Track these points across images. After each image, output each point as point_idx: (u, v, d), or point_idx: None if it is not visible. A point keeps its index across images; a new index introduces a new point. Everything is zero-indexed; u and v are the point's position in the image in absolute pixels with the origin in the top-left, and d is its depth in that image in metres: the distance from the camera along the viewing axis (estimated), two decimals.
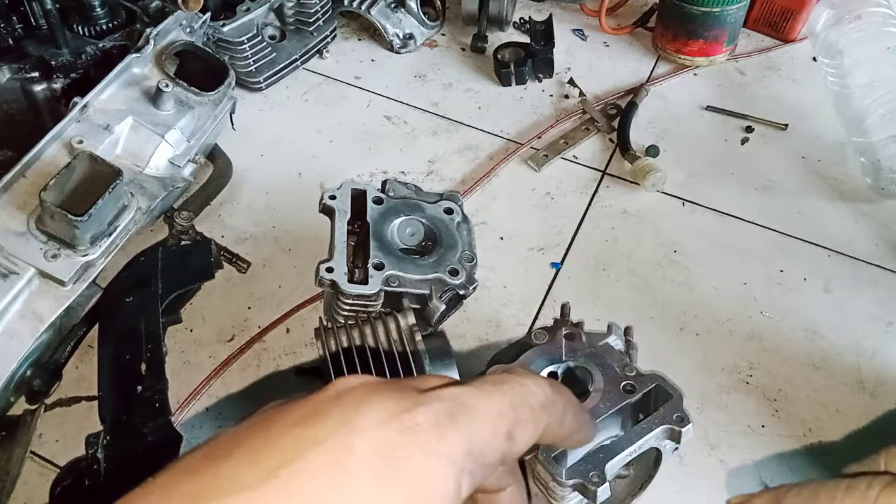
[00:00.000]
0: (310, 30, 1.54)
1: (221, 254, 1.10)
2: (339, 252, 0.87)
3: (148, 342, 0.89)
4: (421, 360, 0.79)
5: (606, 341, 0.86)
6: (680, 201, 1.33)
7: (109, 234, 0.95)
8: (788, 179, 1.37)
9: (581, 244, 1.26)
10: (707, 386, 1.08)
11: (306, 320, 1.14)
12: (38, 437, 0.98)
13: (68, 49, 1.13)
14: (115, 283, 0.97)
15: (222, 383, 1.07)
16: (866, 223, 1.30)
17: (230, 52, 1.41)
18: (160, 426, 0.82)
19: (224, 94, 1.18)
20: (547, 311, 1.16)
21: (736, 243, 1.27)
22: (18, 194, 0.93)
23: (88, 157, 0.93)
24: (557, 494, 0.76)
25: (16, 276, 0.89)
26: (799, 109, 1.49)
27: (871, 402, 1.07)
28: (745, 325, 1.15)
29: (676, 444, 0.79)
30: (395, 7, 1.58)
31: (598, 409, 0.79)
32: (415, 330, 0.81)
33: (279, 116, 1.46)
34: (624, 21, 1.67)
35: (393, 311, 0.84)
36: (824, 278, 1.22)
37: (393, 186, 0.97)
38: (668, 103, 1.51)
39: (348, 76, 1.55)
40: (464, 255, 0.91)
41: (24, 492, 0.94)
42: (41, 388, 0.93)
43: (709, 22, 1.49)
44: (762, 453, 1.02)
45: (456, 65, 1.58)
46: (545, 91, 1.53)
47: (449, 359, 0.83)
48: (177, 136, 1.10)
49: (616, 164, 1.38)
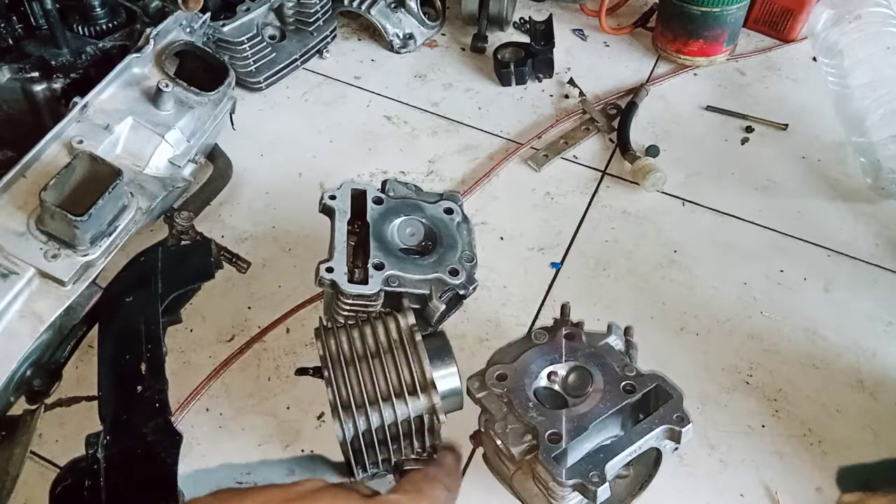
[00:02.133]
0: (310, 30, 1.54)
1: (221, 254, 1.10)
2: (339, 252, 0.87)
3: (148, 342, 0.89)
4: (421, 359, 0.79)
5: (606, 341, 0.86)
6: (680, 201, 1.33)
7: (109, 234, 0.95)
8: (788, 179, 1.37)
9: (581, 244, 1.26)
10: (707, 386, 1.08)
11: (306, 320, 1.14)
12: (38, 437, 0.98)
13: (68, 49, 1.13)
14: (115, 283, 0.97)
15: (222, 383, 1.07)
16: (866, 223, 1.30)
17: (230, 52, 1.41)
18: (160, 426, 0.82)
19: (224, 94, 1.18)
20: (547, 311, 1.16)
21: (736, 243, 1.27)
22: (18, 194, 0.93)
23: (88, 157, 0.93)
24: (557, 494, 0.76)
25: (16, 276, 0.89)
26: (799, 109, 1.49)
27: (871, 402, 1.07)
28: (745, 325, 1.15)
29: (676, 444, 0.79)
30: (395, 7, 1.58)
31: (598, 409, 0.79)
32: (415, 330, 0.81)
33: (279, 116, 1.46)
34: (624, 21, 1.67)
35: (393, 311, 0.84)
36: (824, 278, 1.22)
37: (393, 186, 0.97)
38: (668, 103, 1.51)
39: (348, 76, 1.55)
40: (464, 255, 0.91)
41: (24, 492, 0.94)
42: (41, 388, 0.93)
43: (709, 22, 1.49)
44: (762, 453, 1.02)
45: (456, 65, 1.58)
46: (545, 91, 1.53)
47: (449, 358, 0.83)
48: (177, 136, 1.10)
49: (616, 164, 1.38)
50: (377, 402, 0.78)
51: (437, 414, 0.79)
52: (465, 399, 0.84)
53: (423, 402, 0.78)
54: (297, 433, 1.02)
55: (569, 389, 0.83)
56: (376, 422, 0.78)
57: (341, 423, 0.77)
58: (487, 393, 0.81)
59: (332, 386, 0.79)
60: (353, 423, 0.78)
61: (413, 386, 0.79)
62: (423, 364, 0.79)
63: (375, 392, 0.78)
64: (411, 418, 0.79)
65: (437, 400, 0.78)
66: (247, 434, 1.02)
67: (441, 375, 0.81)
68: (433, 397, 0.78)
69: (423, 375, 0.79)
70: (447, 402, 0.82)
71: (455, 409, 0.85)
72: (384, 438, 0.80)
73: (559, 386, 0.84)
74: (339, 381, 0.79)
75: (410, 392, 0.78)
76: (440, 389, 0.79)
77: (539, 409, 0.79)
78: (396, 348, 0.80)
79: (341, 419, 0.77)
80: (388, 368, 0.79)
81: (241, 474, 0.98)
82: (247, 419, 1.03)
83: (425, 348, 0.80)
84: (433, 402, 0.78)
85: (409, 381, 0.79)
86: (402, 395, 0.78)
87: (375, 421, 0.78)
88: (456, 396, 0.83)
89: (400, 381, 0.79)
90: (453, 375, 0.83)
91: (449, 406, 0.83)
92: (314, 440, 1.01)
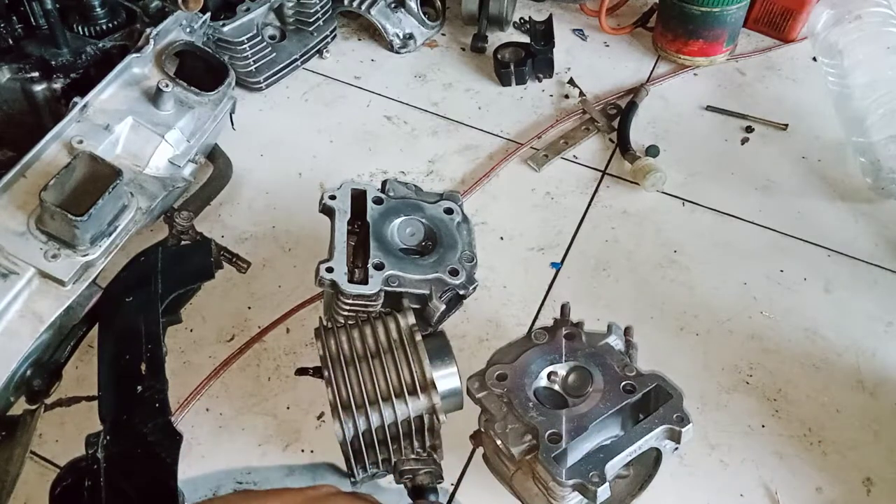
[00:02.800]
0: (310, 30, 1.54)
1: (221, 254, 1.10)
2: (339, 252, 0.87)
3: (148, 342, 0.89)
4: (421, 359, 0.79)
5: (606, 341, 0.86)
6: (680, 201, 1.33)
7: (109, 234, 0.95)
8: (788, 179, 1.37)
9: (581, 244, 1.26)
10: (707, 386, 1.08)
11: (306, 320, 1.14)
12: (38, 437, 0.98)
13: (68, 49, 1.13)
14: (115, 283, 0.97)
15: (222, 383, 1.07)
16: (866, 223, 1.30)
17: (230, 52, 1.41)
18: (160, 426, 0.82)
19: (224, 94, 1.18)
20: (547, 311, 1.16)
21: (736, 243, 1.27)
22: (18, 194, 0.93)
23: (88, 157, 0.93)
24: (557, 494, 0.76)
25: (16, 276, 0.89)
26: (799, 109, 1.49)
27: (871, 402, 1.07)
28: (745, 325, 1.15)
29: (676, 444, 0.79)
30: (395, 7, 1.58)
31: (598, 409, 0.79)
32: (415, 330, 0.81)
33: (279, 116, 1.46)
34: (624, 21, 1.67)
35: (393, 311, 0.84)
36: (824, 278, 1.22)
37: (393, 186, 0.97)
38: (668, 103, 1.51)
39: (348, 76, 1.55)
40: (464, 255, 0.91)
41: (24, 492, 0.94)
42: (41, 388, 0.93)
43: (709, 22, 1.49)
44: (762, 453, 1.02)
45: (456, 65, 1.58)
46: (545, 91, 1.53)
47: (449, 358, 0.84)
48: (177, 136, 1.10)
49: (616, 164, 1.38)
50: (377, 401, 0.78)
51: (437, 414, 0.79)
52: (465, 399, 0.84)
53: (423, 402, 0.78)
54: (297, 433, 1.02)
55: (569, 389, 0.83)
56: (376, 422, 0.78)
57: (341, 423, 0.78)
58: (487, 393, 0.81)
59: (332, 386, 0.79)
60: (353, 423, 0.78)
61: (413, 386, 0.79)
62: (423, 364, 0.79)
63: (375, 392, 0.78)
64: (411, 418, 0.79)
65: (437, 400, 0.78)
66: (247, 434, 1.02)
67: (441, 375, 0.82)
68: (433, 397, 0.78)
69: (423, 375, 0.79)
70: (447, 402, 0.82)
71: (455, 409, 0.85)
72: (384, 438, 0.80)
73: (559, 386, 0.84)
74: (339, 381, 0.79)
75: (410, 392, 0.78)
76: (440, 389, 0.79)
77: (539, 409, 0.79)
78: (396, 348, 0.80)
79: (341, 419, 0.78)
80: (388, 368, 0.79)
81: (242, 474, 0.99)
82: (247, 419, 1.03)
83: (425, 348, 0.80)
84: (433, 402, 0.78)
85: (409, 381, 0.79)
86: (402, 395, 0.78)
87: (375, 421, 0.78)
88: (456, 396, 0.84)
89: (400, 381, 0.79)
90: (453, 375, 0.83)
91: (449, 406, 0.83)
92: (314, 440, 1.01)
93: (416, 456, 0.82)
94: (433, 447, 0.83)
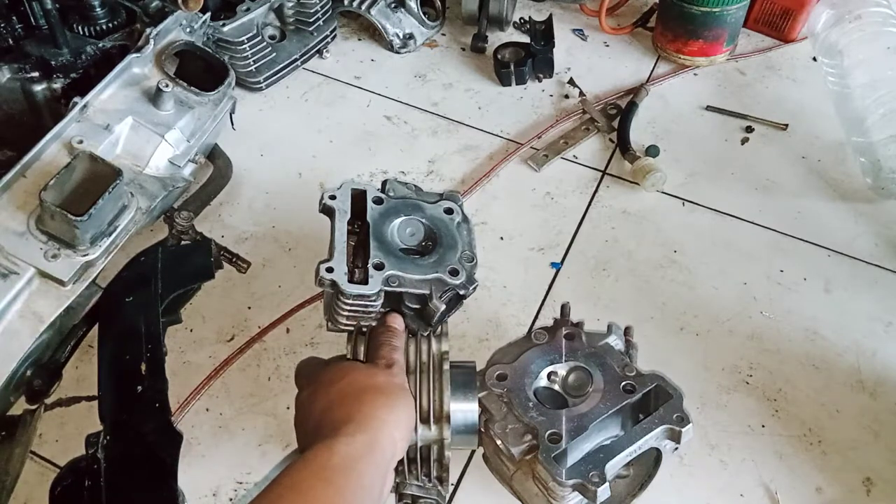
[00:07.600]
0: (310, 30, 1.54)
1: (221, 254, 1.10)
2: (339, 252, 0.87)
3: (148, 342, 0.89)
4: (442, 389, 0.77)
5: (606, 341, 0.86)
6: (680, 201, 1.33)
7: (109, 234, 0.94)
8: (788, 179, 1.37)
9: (581, 244, 1.26)
10: (707, 386, 1.08)
11: (306, 320, 1.14)
12: (38, 437, 0.98)
13: (68, 49, 1.13)
14: (115, 283, 0.97)
15: (222, 383, 1.07)
16: (866, 223, 1.30)
17: (230, 52, 1.41)
18: (160, 426, 0.82)
19: (224, 94, 1.18)
20: (547, 311, 1.16)
21: (736, 243, 1.27)
22: (18, 194, 0.93)
23: (88, 157, 0.93)
24: (557, 494, 0.76)
25: (16, 276, 0.89)
26: (799, 109, 1.49)
27: (871, 402, 1.07)
28: (745, 325, 1.15)
29: (676, 444, 0.79)
30: (395, 7, 1.58)
31: (598, 409, 0.79)
32: (445, 357, 0.79)
33: (279, 116, 1.46)
34: (624, 21, 1.67)
35: (431, 334, 0.82)
36: (824, 278, 1.22)
37: (393, 186, 0.97)
38: (668, 103, 1.51)
39: (348, 76, 1.55)
40: (464, 255, 0.91)
41: (24, 492, 0.94)
42: (41, 388, 0.93)
43: (709, 22, 1.49)
44: (762, 453, 1.02)
45: (456, 65, 1.58)
46: (545, 91, 1.53)
47: (472, 394, 0.80)
48: (177, 136, 1.10)
49: (616, 164, 1.38)
50: None
51: (444, 449, 0.76)
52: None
53: (434, 433, 0.76)
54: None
55: (569, 389, 0.83)
56: None
57: None
58: (487, 393, 0.81)
59: None
60: None
61: (427, 414, 0.76)
62: (443, 394, 0.77)
63: None
64: (418, 446, 0.77)
65: (448, 435, 0.76)
66: (247, 434, 1.02)
67: (460, 409, 0.78)
68: (444, 430, 0.76)
69: (440, 406, 0.76)
70: (460, 437, 0.78)
71: (467, 446, 0.82)
72: None
73: (559, 386, 0.84)
74: None
75: (424, 420, 0.76)
76: (455, 422, 0.77)
77: (539, 409, 0.79)
78: (422, 371, 0.78)
79: None
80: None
81: (242, 474, 0.99)
82: (247, 419, 1.03)
83: (450, 379, 0.78)
84: (443, 436, 0.76)
85: (425, 409, 0.76)
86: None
87: None
88: (471, 434, 0.80)
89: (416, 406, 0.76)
90: (472, 412, 0.79)
91: (460, 442, 0.79)
92: None
93: (420, 483, 0.80)
94: (439, 478, 0.80)
